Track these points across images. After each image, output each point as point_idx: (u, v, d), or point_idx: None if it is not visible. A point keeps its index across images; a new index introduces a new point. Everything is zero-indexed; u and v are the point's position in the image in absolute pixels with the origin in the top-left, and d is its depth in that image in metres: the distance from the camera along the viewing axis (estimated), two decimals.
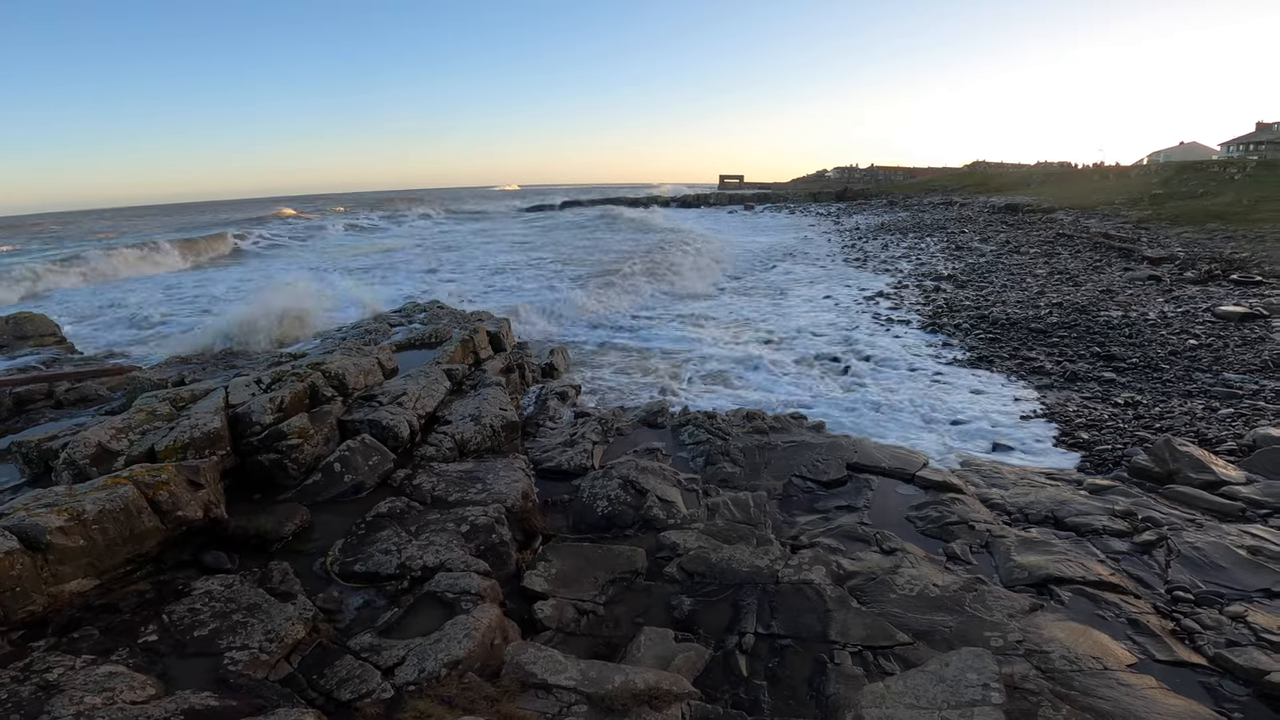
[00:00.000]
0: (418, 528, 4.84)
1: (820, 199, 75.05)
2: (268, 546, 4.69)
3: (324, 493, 5.34)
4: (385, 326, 10.23)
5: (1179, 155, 68.77)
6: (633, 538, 5.31)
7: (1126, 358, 10.91)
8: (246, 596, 3.93)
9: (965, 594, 4.36)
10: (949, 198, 54.40)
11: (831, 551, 4.98)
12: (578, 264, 25.43)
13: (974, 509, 5.64)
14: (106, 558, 3.93)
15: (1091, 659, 3.68)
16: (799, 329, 14.69)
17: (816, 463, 6.48)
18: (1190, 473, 6.11)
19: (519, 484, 5.62)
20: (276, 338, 11.56)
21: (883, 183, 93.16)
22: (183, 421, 5.26)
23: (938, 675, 2.93)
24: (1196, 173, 39.35)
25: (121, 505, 3.97)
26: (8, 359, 9.89)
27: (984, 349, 12.17)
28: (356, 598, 4.24)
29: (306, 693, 3.41)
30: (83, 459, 4.83)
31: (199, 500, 4.44)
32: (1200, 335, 11.80)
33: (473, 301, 16.89)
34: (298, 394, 5.93)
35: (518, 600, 4.48)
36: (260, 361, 8.05)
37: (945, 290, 17.83)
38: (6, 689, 3.02)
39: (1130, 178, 46.33)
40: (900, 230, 35.52)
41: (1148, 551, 5.05)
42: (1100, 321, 13.17)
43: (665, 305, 17.91)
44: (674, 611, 4.38)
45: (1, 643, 3.42)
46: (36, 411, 7.37)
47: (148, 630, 3.64)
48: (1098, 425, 8.36)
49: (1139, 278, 17.11)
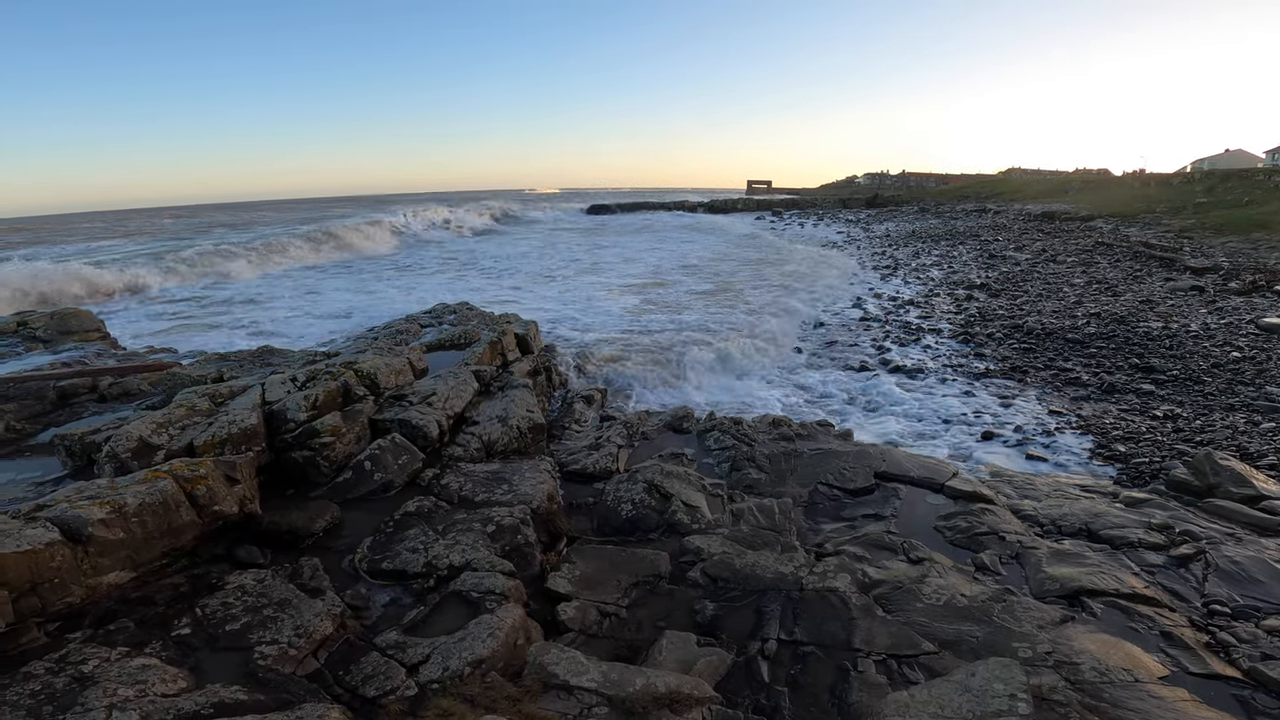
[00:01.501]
0: (445, 527, 4.90)
1: (850, 205, 74.50)
2: (299, 542, 4.77)
3: (354, 490, 5.43)
4: (416, 327, 10.38)
5: (1224, 162, 67.00)
6: (656, 542, 5.32)
7: (1166, 370, 10.65)
8: (278, 591, 4.01)
9: (994, 604, 4.30)
10: (983, 205, 53.62)
11: (857, 559, 4.94)
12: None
13: (1005, 520, 5.55)
14: (144, 550, 4.03)
15: (1122, 671, 3.61)
16: (829, 340, 14.58)
17: (843, 470, 6.43)
18: (1231, 487, 5.95)
19: (544, 486, 5.66)
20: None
21: (914, 189, 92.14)
22: (221, 417, 5.39)
23: (963, 685, 2.90)
24: (1242, 180, 38.24)
25: (160, 499, 4.08)
26: (52, 353, 10.20)
27: (1017, 359, 11.96)
28: (383, 595, 4.30)
29: (333, 688, 3.46)
30: (124, 452, 4.97)
31: (235, 495, 4.55)
32: (1243, 348, 11.47)
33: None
34: (331, 392, 6.04)
35: (541, 601, 4.51)
36: (295, 360, 8.22)
37: (978, 299, 17.57)
38: (41, 680, 3.09)
39: (1173, 185, 45.23)
40: (932, 238, 35.06)
41: (1184, 565, 4.93)
42: (1140, 332, 12.87)
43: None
44: (696, 616, 4.38)
45: (38, 634, 3.49)
46: (80, 405, 7.58)
47: (181, 623, 3.72)
48: (1135, 438, 8.17)
49: (1181, 288, 16.69)
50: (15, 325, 11.61)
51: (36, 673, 3.14)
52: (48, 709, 2.90)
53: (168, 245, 35.81)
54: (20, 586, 3.38)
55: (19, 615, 3.37)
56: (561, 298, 19.32)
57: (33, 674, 3.13)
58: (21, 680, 3.08)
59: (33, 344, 10.79)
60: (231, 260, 26.95)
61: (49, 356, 9.90)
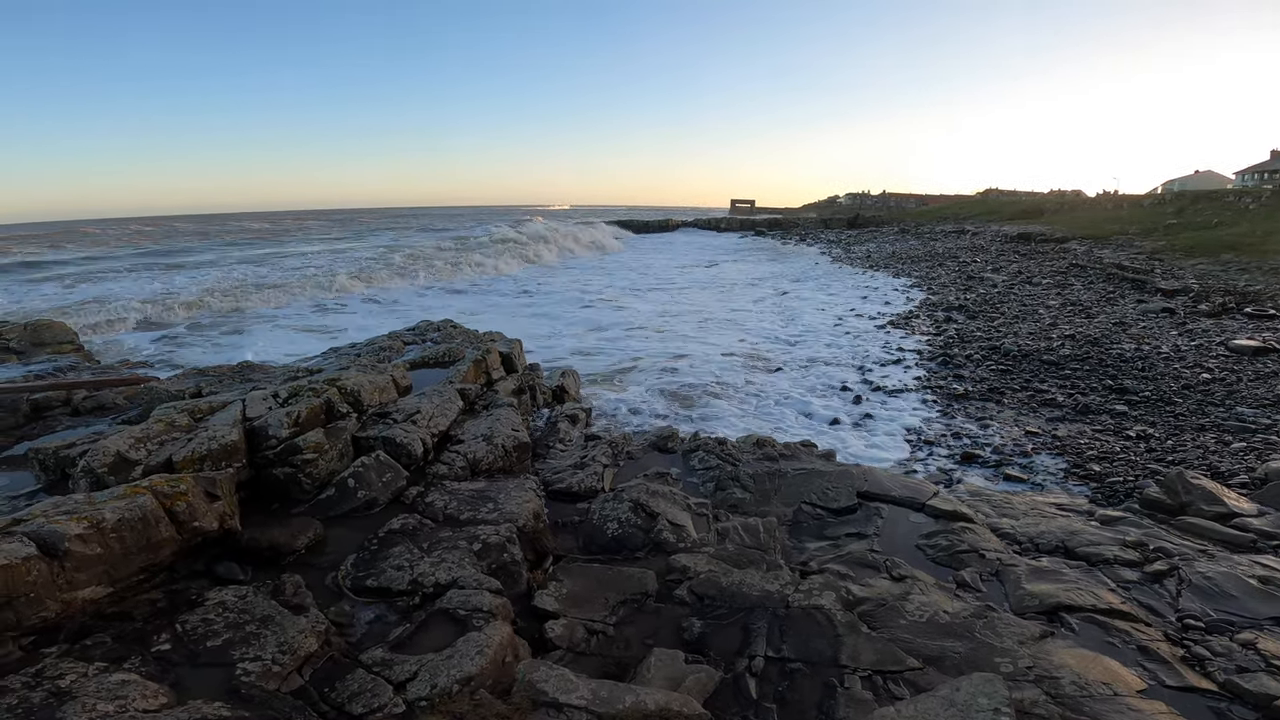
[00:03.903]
0: (430, 544, 4.86)
1: (832, 225, 75.32)
2: (280, 559, 4.72)
3: (337, 508, 5.38)
4: (399, 344, 10.32)
5: (1194, 184, 68.74)
6: (643, 560, 5.32)
7: (1139, 391, 10.88)
8: (259, 608, 3.96)
9: (976, 621, 4.35)
10: (961, 226, 54.56)
11: (841, 577, 4.98)
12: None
13: (984, 538, 5.62)
14: (122, 566, 3.96)
15: (1102, 685, 3.67)
16: (810, 358, 14.72)
17: (826, 490, 6.48)
18: (1202, 504, 6.09)
19: (530, 504, 5.64)
20: None
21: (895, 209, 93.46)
22: (200, 433, 5.33)
23: (948, 700, 2.93)
24: (1211, 202, 39.26)
25: (140, 514, 4.02)
26: (24, 365, 10.02)
27: (995, 380, 12.16)
28: (368, 612, 4.25)
29: (319, 705, 3.41)
30: (101, 467, 4.89)
31: (215, 512, 4.49)
32: (1213, 369, 11.77)
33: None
34: (314, 409, 6.00)
35: (528, 619, 4.49)
36: (276, 375, 8.14)
37: (957, 320, 17.85)
38: (18, 695, 3.03)
39: (1144, 207, 46.31)
40: (911, 259, 35.62)
41: (1158, 581, 5.03)
42: (1113, 354, 13.15)
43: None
44: (684, 633, 4.38)
45: (13, 648, 3.43)
46: (53, 418, 7.45)
47: (160, 639, 3.67)
48: (1109, 458, 8.33)
49: (1152, 310, 17.09)
50: None
51: (13, 687, 3.08)
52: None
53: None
54: None
55: None
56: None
57: (9, 688, 3.07)
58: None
59: (5, 355, 10.60)
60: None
61: (22, 369, 9.73)
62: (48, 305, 21.93)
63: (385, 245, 49.93)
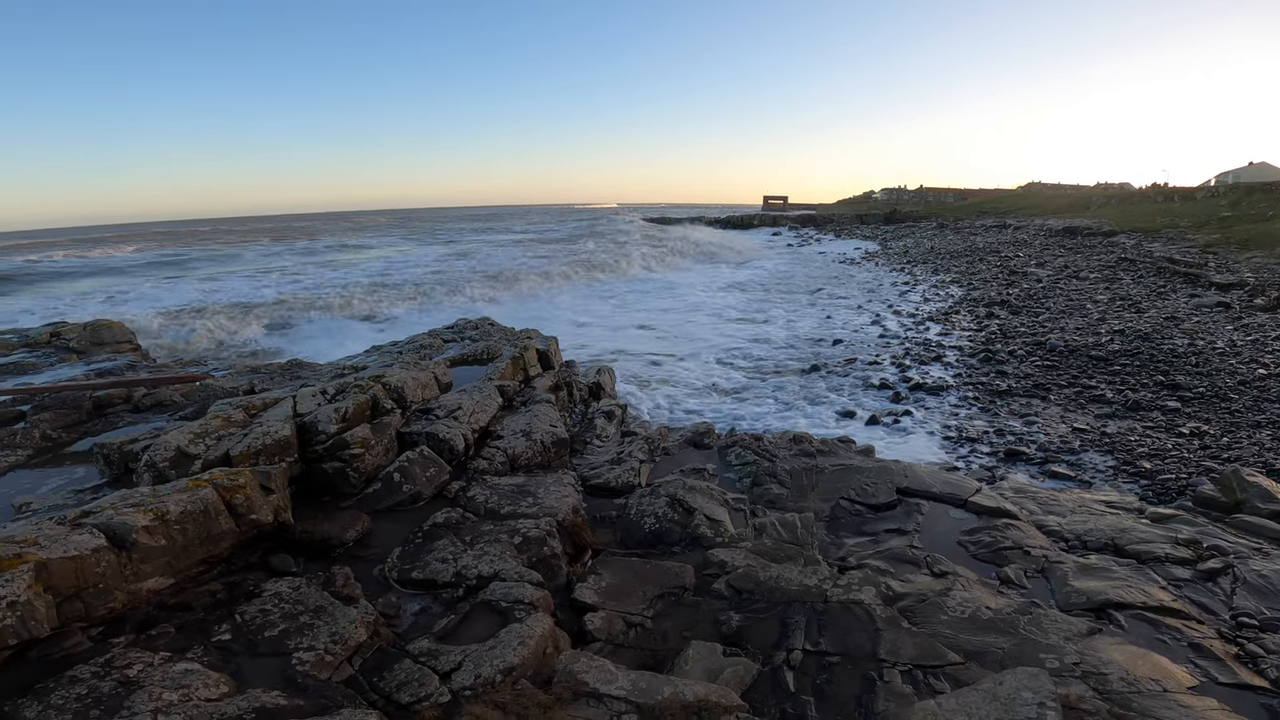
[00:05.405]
0: (472, 538, 4.98)
1: (868, 221, 74.17)
2: (330, 552, 4.87)
3: (383, 501, 5.53)
4: (439, 342, 10.52)
5: (1249, 175, 66.06)
6: (680, 554, 5.36)
7: (1192, 387, 10.56)
8: (313, 599, 4.09)
9: (1020, 616, 4.30)
10: (1003, 220, 53.26)
11: (880, 573, 4.95)
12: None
13: (1029, 535, 5.54)
14: (183, 557, 4.13)
15: (1151, 681, 3.60)
16: (847, 357, 14.58)
17: (865, 486, 6.44)
18: (1258, 502, 5.91)
19: (569, 499, 5.73)
20: None
21: (932, 205, 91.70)
22: (255, 428, 5.52)
23: (991, 694, 2.91)
24: (1267, 194, 37.76)
25: (202, 507, 4.20)
26: (85, 364, 10.44)
27: (1040, 376, 11.91)
28: (414, 604, 4.38)
29: (368, 694, 3.52)
30: (163, 462, 5.10)
31: (270, 505, 4.66)
32: (1270, 365, 11.35)
33: None
34: (360, 405, 6.16)
35: (568, 611, 4.57)
36: (324, 373, 8.38)
37: (999, 316, 17.49)
38: (88, 684, 3.13)
39: (1196, 200, 44.76)
40: (950, 254, 34.95)
41: (1211, 579, 4.91)
42: (1165, 349, 12.77)
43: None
44: (721, 627, 4.41)
45: (82, 638, 3.56)
46: (115, 415, 7.77)
47: (221, 629, 3.80)
48: (1161, 455, 8.12)
49: (1206, 304, 16.54)
50: (49, 336, 11.93)
51: (82, 676, 3.18)
52: (94, 713, 2.94)
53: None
54: (65, 591, 3.47)
55: (62, 619, 3.45)
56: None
57: (78, 678, 3.17)
58: (67, 684, 3.12)
59: (66, 355, 11.07)
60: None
61: (83, 367, 10.16)
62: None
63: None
